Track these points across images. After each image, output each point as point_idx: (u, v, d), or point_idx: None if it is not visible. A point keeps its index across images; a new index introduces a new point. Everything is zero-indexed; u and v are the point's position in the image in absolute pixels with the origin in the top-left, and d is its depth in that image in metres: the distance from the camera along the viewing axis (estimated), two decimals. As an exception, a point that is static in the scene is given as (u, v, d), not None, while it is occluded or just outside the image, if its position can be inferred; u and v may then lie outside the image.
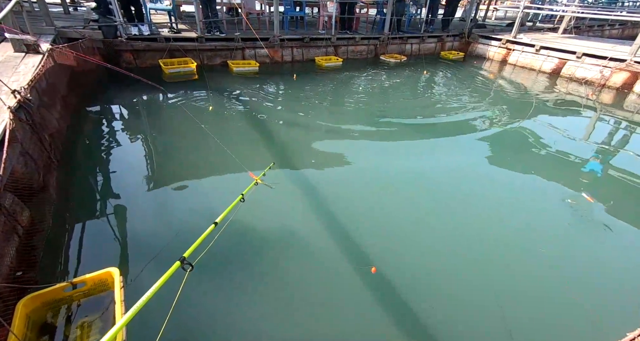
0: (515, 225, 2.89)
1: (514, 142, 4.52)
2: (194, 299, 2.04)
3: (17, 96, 2.62)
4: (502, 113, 5.54)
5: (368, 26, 9.64)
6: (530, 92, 6.75)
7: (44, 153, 2.84)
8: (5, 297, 1.72)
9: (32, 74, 3.15)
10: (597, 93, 6.64)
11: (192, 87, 5.66)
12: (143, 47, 5.99)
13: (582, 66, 7.29)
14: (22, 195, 2.21)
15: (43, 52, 3.92)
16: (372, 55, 8.65)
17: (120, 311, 1.65)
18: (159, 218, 2.68)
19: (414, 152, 4.11)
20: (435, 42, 9.61)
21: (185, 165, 3.41)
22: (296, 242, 2.54)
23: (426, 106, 5.89)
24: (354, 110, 5.49)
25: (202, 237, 1.58)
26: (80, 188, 2.98)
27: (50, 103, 3.45)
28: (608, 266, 2.55)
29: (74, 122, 4.00)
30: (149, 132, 4.07)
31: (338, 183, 3.32)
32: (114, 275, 1.85)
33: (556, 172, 3.77)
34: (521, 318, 2.09)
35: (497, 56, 9.09)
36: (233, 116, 4.77)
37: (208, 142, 3.98)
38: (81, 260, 2.24)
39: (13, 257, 1.93)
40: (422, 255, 2.51)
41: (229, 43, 6.72)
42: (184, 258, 1.40)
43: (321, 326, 1.97)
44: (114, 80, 5.69)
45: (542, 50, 8.09)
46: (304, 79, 6.68)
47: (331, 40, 7.81)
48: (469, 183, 3.48)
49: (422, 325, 1.99)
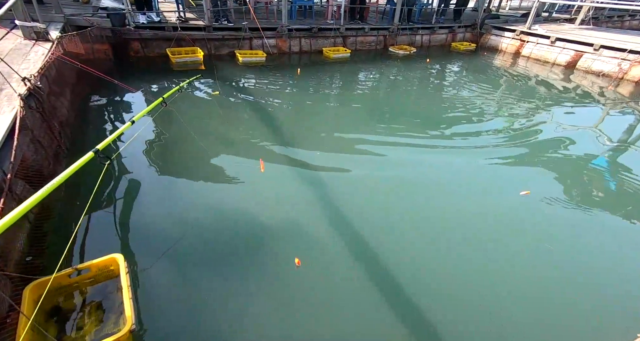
0: (522, 221, 2.85)
1: (524, 138, 4.42)
2: (194, 292, 2.07)
3: (27, 84, 2.64)
4: (513, 107, 5.41)
5: (377, 16, 9.43)
6: (543, 85, 6.57)
7: (53, 141, 2.87)
8: (16, 282, 1.76)
9: (42, 62, 3.17)
10: (614, 87, 6.43)
11: (200, 76, 5.64)
12: (151, 35, 5.98)
13: (599, 59, 7.05)
14: (32, 182, 2.25)
15: (52, 40, 3.93)
16: (381, 47, 8.49)
17: (127, 296, 1.68)
18: (163, 206, 2.71)
19: (418, 147, 4.05)
20: (447, 33, 9.38)
21: (190, 154, 3.42)
22: (297, 235, 2.54)
23: (433, 100, 5.79)
24: (360, 102, 5.42)
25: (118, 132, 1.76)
26: (87, 177, 3.01)
27: (59, 92, 3.48)
28: (615, 267, 2.50)
29: (83, 110, 4.04)
30: (157, 121, 4.08)
31: (341, 176, 3.30)
32: (119, 261, 1.88)
33: (565, 167, 3.69)
34: (525, 319, 2.07)
35: (510, 48, 8.84)
36: (239, 105, 4.76)
37: (214, 130, 3.98)
38: (87, 247, 2.28)
39: (24, 243, 1.98)
40: (424, 253, 2.50)
41: (236, 33, 6.66)
42: (98, 150, 1.55)
43: (321, 325, 1.98)
44: (124, 69, 5.71)
45: (557, 42, 7.84)
46: (310, 71, 6.61)
47: (340, 31, 7.67)
48: (472, 177, 3.43)
49: (424, 324, 1.98)
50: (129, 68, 5.84)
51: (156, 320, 1.87)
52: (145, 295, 1.98)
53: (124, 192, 2.84)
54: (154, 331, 1.81)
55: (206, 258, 2.30)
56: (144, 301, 1.94)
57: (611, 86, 6.41)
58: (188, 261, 2.26)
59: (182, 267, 2.21)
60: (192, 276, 2.16)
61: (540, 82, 6.74)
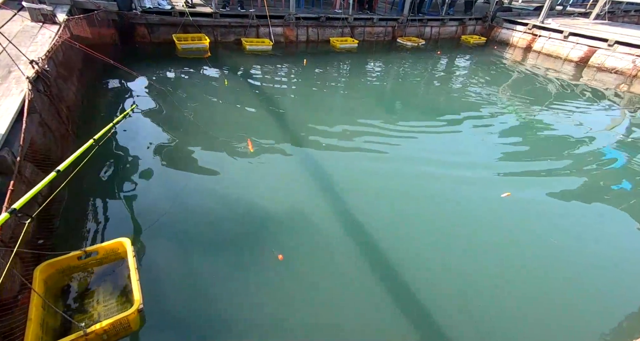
0: (527, 220, 2.85)
1: (532, 135, 4.37)
2: (196, 275, 2.10)
3: (35, 66, 2.63)
4: (521, 103, 5.33)
5: (387, 7, 9.24)
6: (554, 81, 6.45)
7: (62, 125, 2.88)
8: (27, 262, 1.80)
9: (49, 45, 3.15)
10: (628, 84, 6.30)
11: (206, 64, 5.60)
12: (157, 20, 5.91)
13: (613, 55, 6.89)
14: (40, 165, 2.27)
15: (59, 23, 3.90)
16: (389, 38, 8.35)
17: (135, 277, 1.72)
18: (168, 192, 2.72)
19: (422, 142, 4.01)
20: (457, 25, 9.19)
21: (196, 141, 3.42)
22: (299, 225, 2.55)
23: (441, 94, 5.71)
24: (366, 94, 5.37)
25: (39, 186, 1.56)
26: (95, 162, 3.03)
27: (66, 75, 3.47)
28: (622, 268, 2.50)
29: (90, 95, 4.03)
30: (163, 107, 4.07)
31: (342, 167, 3.28)
32: (126, 244, 1.91)
33: (577, 167, 3.65)
34: (528, 318, 2.09)
35: (521, 42, 8.65)
36: (244, 93, 4.73)
37: (218, 118, 3.97)
38: (95, 230, 2.32)
39: (35, 225, 2.00)
40: (428, 251, 2.50)
41: (243, 20, 6.56)
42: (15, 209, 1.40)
43: (317, 310, 2.01)
44: (130, 54, 5.68)
45: (570, 37, 7.66)
46: (317, 61, 6.53)
47: (348, 21, 7.54)
48: (480, 174, 3.41)
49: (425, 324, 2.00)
50: (134, 53, 5.80)
51: (160, 301, 1.91)
52: (150, 277, 2.01)
53: (128, 177, 2.86)
54: (159, 311, 1.85)
55: (206, 240, 2.34)
56: (149, 283, 1.97)
57: (624, 84, 6.27)
58: (189, 244, 2.29)
59: (185, 251, 2.24)
60: (192, 258, 2.20)
61: (551, 79, 6.62)
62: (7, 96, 2.37)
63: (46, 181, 1.63)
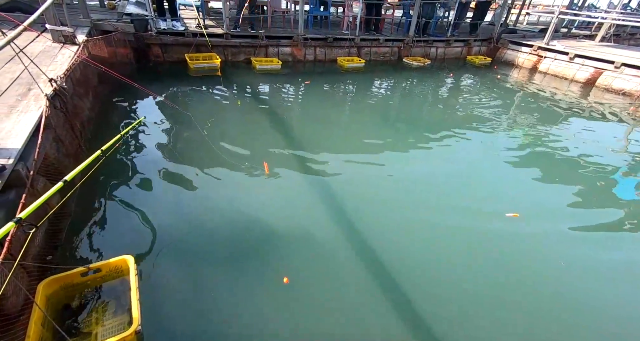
0: (531, 236, 2.78)
1: (540, 155, 4.34)
2: (200, 295, 2.08)
3: (53, 85, 2.75)
4: (529, 123, 5.33)
5: (393, 28, 9.51)
6: (560, 101, 6.46)
7: (75, 140, 2.97)
8: (32, 276, 1.81)
9: (68, 64, 3.30)
10: (636, 107, 6.27)
11: (217, 82, 5.77)
12: (171, 41, 6.17)
13: (620, 76, 6.91)
14: (52, 180, 2.32)
15: (79, 43, 4.10)
16: (395, 58, 8.53)
17: (135, 297, 1.70)
18: (176, 209, 2.75)
19: (429, 159, 4.02)
20: (462, 46, 9.36)
21: (205, 160, 3.47)
22: (304, 240, 2.54)
23: (446, 113, 5.75)
24: (372, 113, 5.43)
25: (46, 195, 1.55)
26: (102, 176, 3.09)
27: (82, 93, 3.61)
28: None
29: (103, 111, 4.17)
30: (175, 124, 4.18)
31: (350, 184, 3.29)
32: (129, 262, 1.91)
33: (584, 188, 3.59)
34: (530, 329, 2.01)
35: (526, 63, 8.75)
36: (254, 112, 4.83)
37: (227, 135, 4.04)
38: (99, 247, 2.33)
39: (42, 239, 2.03)
40: (429, 257, 2.46)
41: (253, 40, 6.81)
42: (20, 218, 1.38)
43: (327, 327, 1.96)
44: (144, 72, 5.90)
45: (576, 59, 7.72)
46: (324, 80, 6.68)
47: (354, 41, 7.76)
48: (484, 193, 3.37)
49: (427, 326, 1.96)
50: (148, 72, 6.03)
51: (161, 322, 1.88)
52: (152, 296, 2.00)
53: (135, 193, 2.90)
54: (159, 332, 1.82)
55: (213, 261, 2.31)
56: (150, 303, 1.96)
57: (633, 107, 6.23)
58: (195, 263, 2.28)
59: (189, 270, 2.23)
60: (198, 279, 2.18)
61: (557, 99, 6.63)
62: (25, 112, 2.47)
63: (53, 191, 1.66)
